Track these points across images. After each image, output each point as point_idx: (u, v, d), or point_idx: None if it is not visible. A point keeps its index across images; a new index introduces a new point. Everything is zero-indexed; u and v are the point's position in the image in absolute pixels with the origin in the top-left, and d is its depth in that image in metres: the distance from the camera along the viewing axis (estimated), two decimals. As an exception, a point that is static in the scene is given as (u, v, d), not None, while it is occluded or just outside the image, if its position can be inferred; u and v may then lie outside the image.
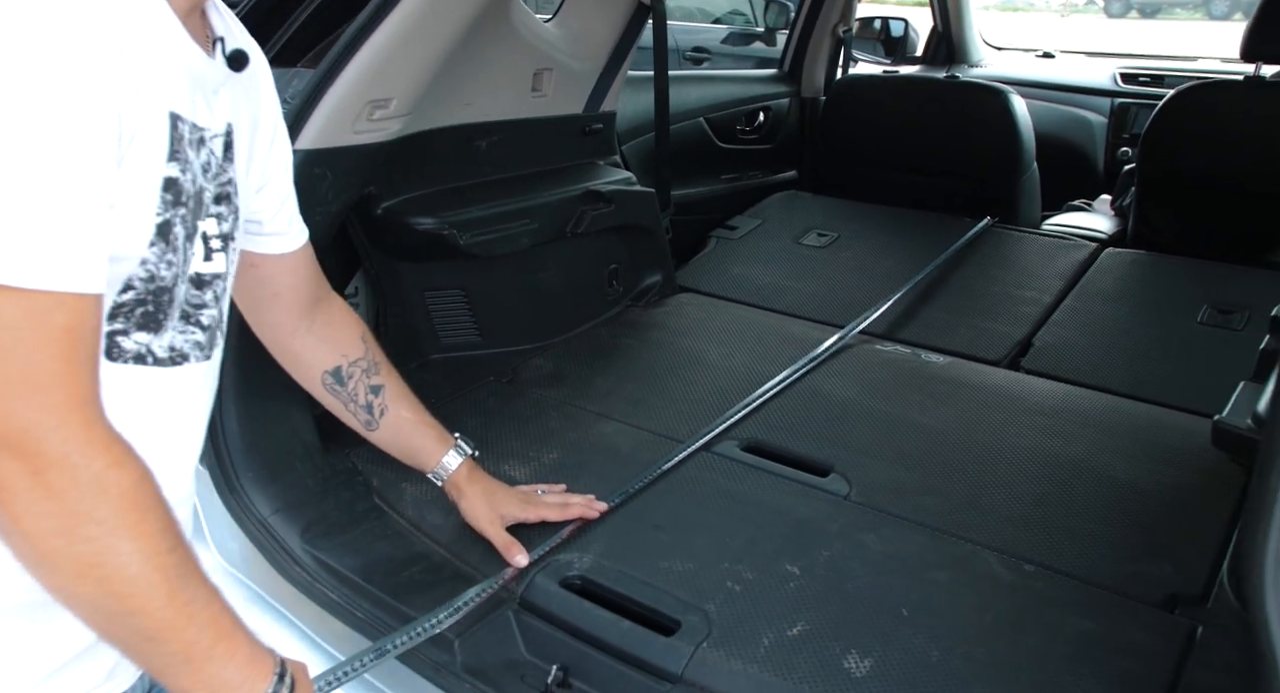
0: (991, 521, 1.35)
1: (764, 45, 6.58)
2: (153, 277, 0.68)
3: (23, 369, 0.57)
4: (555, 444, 1.59)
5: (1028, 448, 1.54)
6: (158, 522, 0.62)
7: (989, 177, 2.66)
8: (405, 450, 1.25)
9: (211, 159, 0.74)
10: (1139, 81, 3.36)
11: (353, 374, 1.14)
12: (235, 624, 0.69)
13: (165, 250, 0.68)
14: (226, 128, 0.77)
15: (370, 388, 1.16)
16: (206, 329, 0.77)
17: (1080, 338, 1.95)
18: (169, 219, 0.68)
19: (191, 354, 0.76)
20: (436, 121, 1.73)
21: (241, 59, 0.80)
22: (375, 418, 1.18)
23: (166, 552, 0.62)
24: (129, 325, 0.69)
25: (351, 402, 1.16)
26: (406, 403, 1.22)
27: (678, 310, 2.17)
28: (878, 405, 1.71)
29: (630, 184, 2.09)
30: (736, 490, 1.45)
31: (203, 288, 0.76)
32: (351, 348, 1.14)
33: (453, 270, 1.85)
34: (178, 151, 0.68)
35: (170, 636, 0.63)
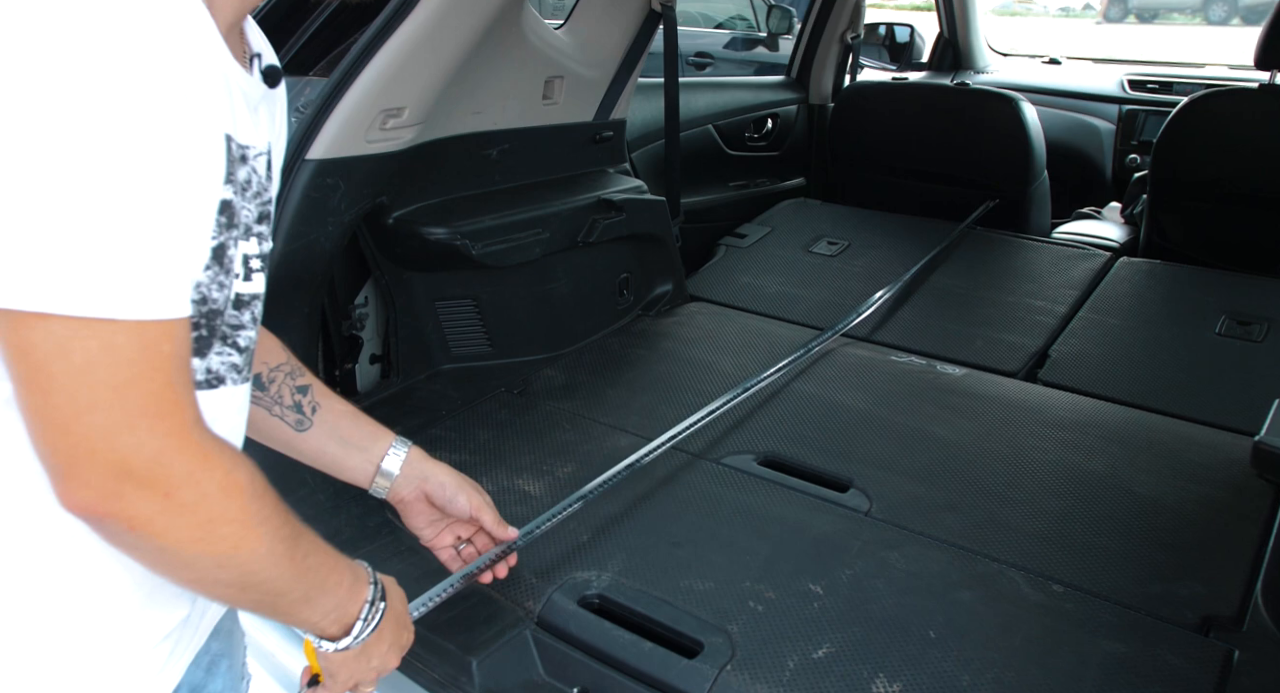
0: (1015, 538, 1.33)
1: (766, 50, 6.59)
2: (204, 299, 0.68)
3: (144, 401, 0.59)
4: (569, 458, 1.56)
5: (1049, 462, 1.52)
6: (273, 501, 0.68)
7: (1000, 184, 2.64)
8: (346, 444, 1.08)
9: (253, 178, 0.73)
10: (1147, 88, 3.34)
11: (275, 378, 1.02)
12: (336, 557, 0.77)
13: (219, 273, 0.68)
14: (267, 146, 0.76)
15: (296, 388, 1.03)
16: (244, 351, 0.76)
17: (1097, 349, 1.93)
18: (224, 242, 0.67)
19: (228, 377, 0.75)
20: (447, 130, 1.70)
21: (276, 75, 0.79)
22: (307, 416, 1.04)
23: (284, 524, 0.68)
24: None
25: (276, 404, 1.02)
26: (338, 399, 1.08)
27: (689, 320, 2.14)
28: (895, 418, 1.69)
29: (641, 192, 2.07)
30: (754, 506, 1.43)
31: (241, 309, 0.75)
32: (271, 356, 1.02)
33: (464, 280, 1.83)
34: (232, 173, 0.67)
35: (294, 586, 0.71)
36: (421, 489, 1.11)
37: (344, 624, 0.79)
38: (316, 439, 1.06)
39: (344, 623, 0.79)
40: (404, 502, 1.12)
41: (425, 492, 1.12)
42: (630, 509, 1.42)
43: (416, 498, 1.12)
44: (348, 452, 1.08)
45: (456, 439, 1.64)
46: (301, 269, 1.43)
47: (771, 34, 6.39)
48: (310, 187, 1.41)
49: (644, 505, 1.43)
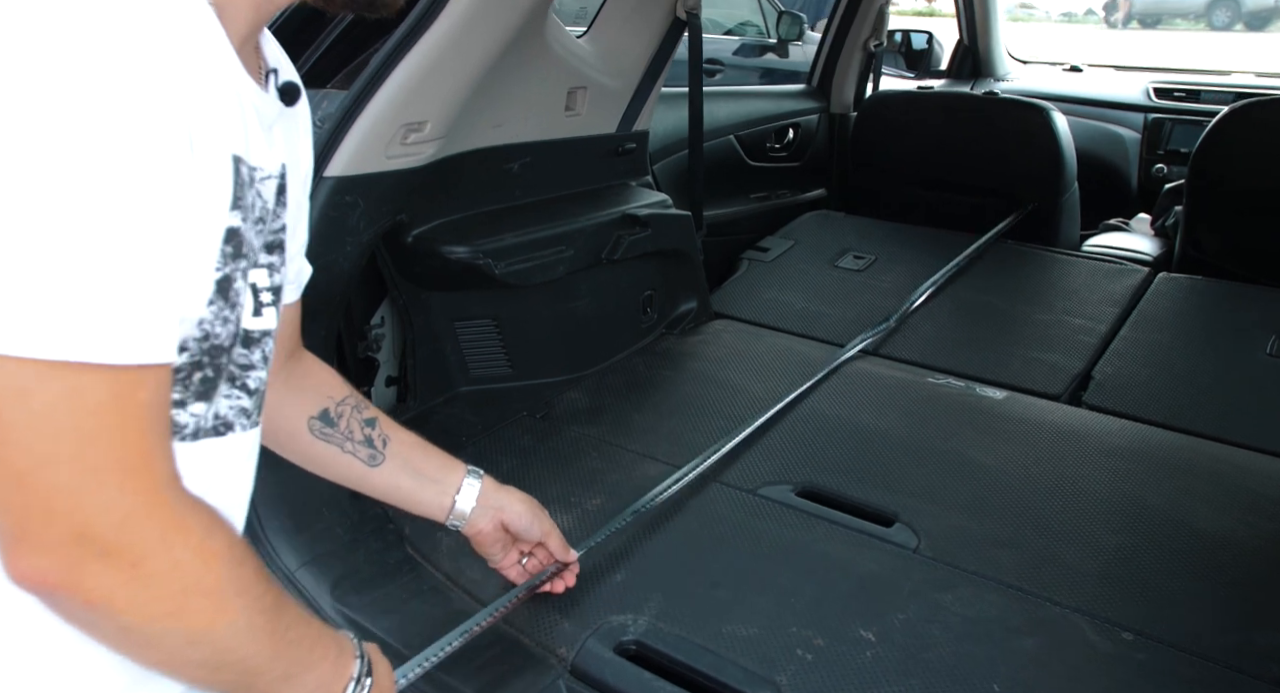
0: (1076, 579, 1.25)
1: (776, 57, 6.52)
2: (208, 336, 0.61)
3: (112, 456, 0.52)
4: (598, 489, 1.49)
5: (1103, 494, 1.45)
6: (254, 569, 0.61)
7: (1029, 196, 2.57)
8: (420, 477, 1.07)
9: (258, 202, 0.66)
10: (1174, 96, 3.27)
11: (342, 413, 1.00)
12: (320, 629, 0.71)
13: (224, 307, 0.61)
14: (280, 169, 0.69)
15: (364, 422, 1.01)
16: (254, 393, 0.70)
17: (1142, 370, 1.85)
18: (229, 274, 0.61)
19: (237, 422, 0.68)
20: (468, 144, 1.64)
21: (294, 93, 0.72)
22: (379, 450, 1.03)
23: (264, 593, 0.62)
24: (187, 395, 0.62)
25: (348, 441, 1.00)
26: (404, 429, 1.06)
27: (714, 339, 2.07)
28: (936, 444, 1.61)
29: (666, 207, 2.00)
30: (795, 541, 1.36)
31: (251, 347, 0.68)
32: (335, 390, 1.00)
33: (484, 299, 1.76)
34: (240, 198, 0.61)
35: (273, 664, 0.64)
36: (498, 519, 1.11)
37: None
38: (389, 474, 1.04)
39: None
40: (480, 534, 1.11)
41: (502, 521, 1.11)
42: (664, 545, 1.35)
43: (494, 528, 1.11)
44: (422, 485, 1.07)
45: (479, 467, 1.56)
46: (319, 293, 1.36)
47: (781, 40, 6.33)
48: (328, 205, 1.35)
49: (679, 541, 1.36)
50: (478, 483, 1.09)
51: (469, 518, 1.08)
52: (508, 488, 1.13)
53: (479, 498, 1.08)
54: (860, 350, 1.97)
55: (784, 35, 6.13)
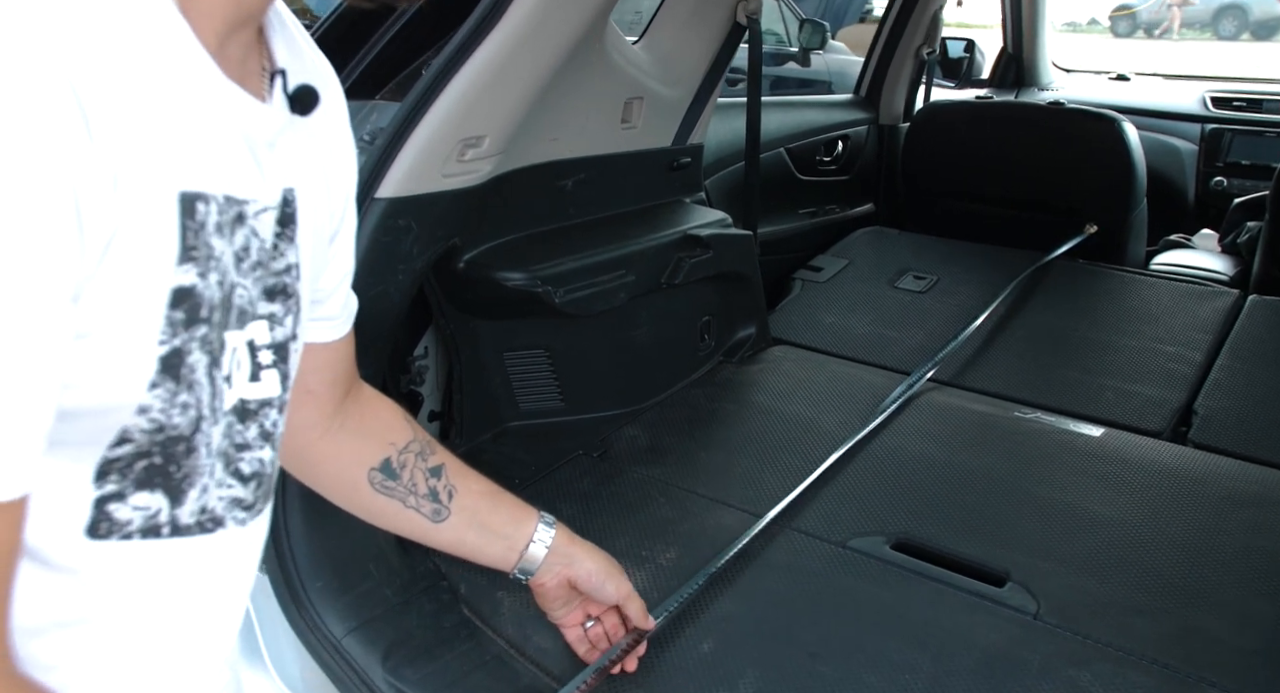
0: (1228, 654, 1.11)
1: (798, 65, 6.40)
2: (160, 427, 0.48)
3: None
4: (671, 540, 1.35)
5: (1240, 550, 1.30)
6: None
7: (1097, 212, 2.43)
8: (486, 532, 0.97)
9: (253, 243, 0.52)
10: (1233, 106, 3.13)
11: (405, 462, 0.89)
12: None
13: (176, 390, 0.48)
14: (283, 196, 0.55)
15: (429, 471, 0.91)
16: (249, 480, 0.56)
17: (1249, 404, 1.71)
18: (179, 346, 0.47)
19: (228, 517, 0.55)
20: (522, 161, 1.50)
21: (309, 98, 0.56)
22: (444, 504, 0.92)
23: None
24: (125, 485, 0.49)
25: (411, 494, 0.90)
26: (473, 475, 0.96)
27: (776, 367, 1.93)
28: (1037, 490, 1.47)
29: (727, 226, 1.87)
30: (897, 604, 1.21)
31: (247, 421, 0.54)
32: (398, 433, 0.89)
33: (535, 328, 1.62)
34: (193, 248, 0.46)
35: None
36: (565, 575, 1.01)
37: None
38: (454, 529, 0.94)
39: None
40: (543, 586, 1.02)
41: (569, 577, 1.01)
42: (749, 608, 1.21)
43: (558, 583, 1.02)
44: (489, 540, 0.97)
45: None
46: (368, 327, 1.22)
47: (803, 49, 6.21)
48: (379, 230, 1.21)
49: (765, 602, 1.22)
50: (549, 536, 0.99)
51: (535, 573, 1.00)
52: (582, 542, 1.03)
53: (548, 553, 0.99)
54: (937, 380, 1.83)
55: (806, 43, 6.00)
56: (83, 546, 0.49)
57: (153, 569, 0.53)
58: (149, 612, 0.55)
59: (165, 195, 0.45)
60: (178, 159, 0.45)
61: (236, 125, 0.50)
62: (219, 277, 0.49)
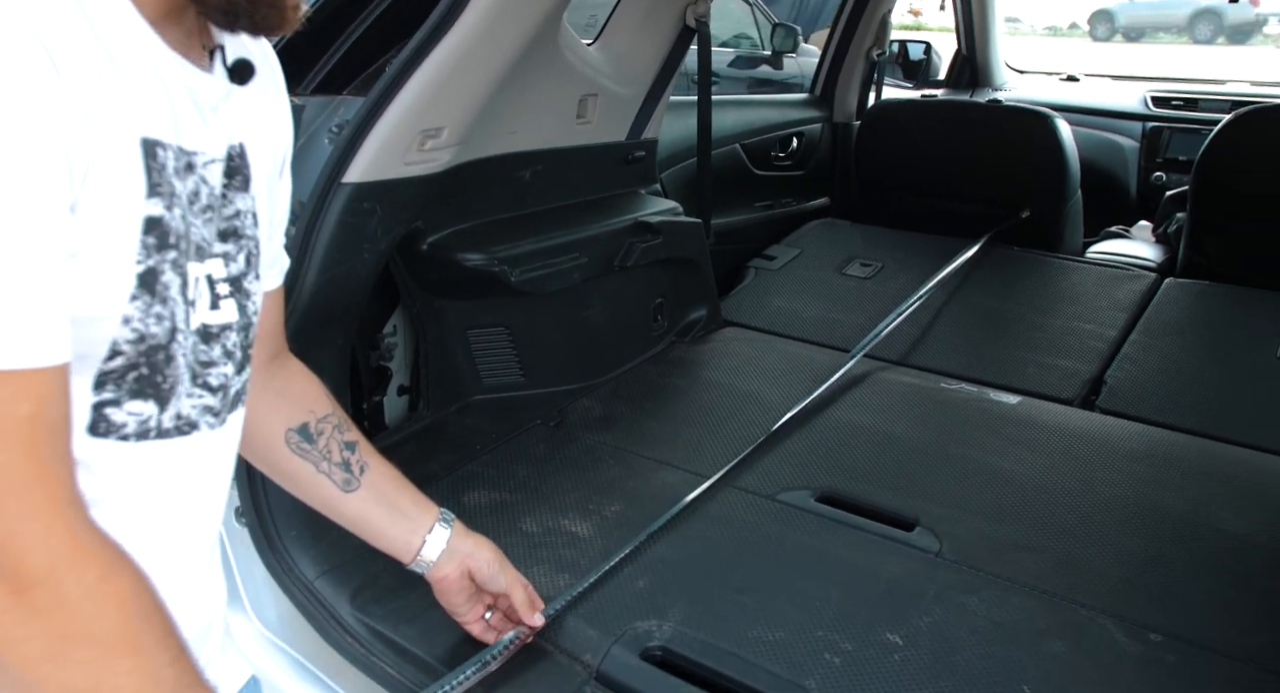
0: (1100, 581, 1.25)
1: (771, 68, 6.56)
2: (142, 336, 0.58)
3: None
4: (616, 495, 1.48)
5: (1124, 499, 1.44)
6: (157, 632, 0.55)
7: (1033, 203, 2.58)
8: (393, 511, 1.02)
9: (202, 188, 0.63)
10: (1172, 105, 3.30)
11: (322, 430, 0.95)
12: None
13: (152, 303, 0.58)
14: (228, 151, 0.66)
15: (344, 444, 0.97)
16: (217, 390, 0.67)
17: (1154, 375, 1.86)
18: (154, 266, 0.57)
19: (201, 421, 0.66)
20: (482, 152, 1.63)
21: (246, 70, 0.68)
22: (355, 475, 0.98)
23: (167, 665, 0.55)
24: (120, 394, 0.59)
25: (325, 460, 0.96)
26: (384, 460, 1.02)
27: (725, 347, 2.07)
28: (952, 450, 1.61)
29: (677, 214, 2.00)
30: (819, 547, 1.35)
31: (210, 342, 0.65)
32: (319, 405, 0.96)
33: (496, 307, 1.75)
34: (158, 185, 0.57)
35: None
36: (465, 565, 1.06)
37: None
38: (361, 503, 0.99)
39: None
40: (445, 579, 1.06)
41: (468, 568, 1.07)
42: (688, 552, 1.34)
43: (460, 575, 1.06)
44: (393, 520, 1.02)
45: (493, 477, 1.55)
46: (336, 301, 1.36)
47: (776, 52, 6.37)
48: (346, 212, 1.34)
49: (701, 548, 1.35)
50: (449, 528, 1.05)
51: (436, 562, 1.04)
52: (477, 535, 1.08)
53: (449, 541, 1.04)
54: (876, 357, 1.97)
55: (778, 47, 6.17)
56: (87, 442, 0.59)
57: (146, 465, 0.64)
58: (148, 500, 0.66)
59: (129, 138, 0.55)
60: (136, 109, 0.56)
61: (184, 89, 0.61)
62: (181, 212, 0.59)
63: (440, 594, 1.08)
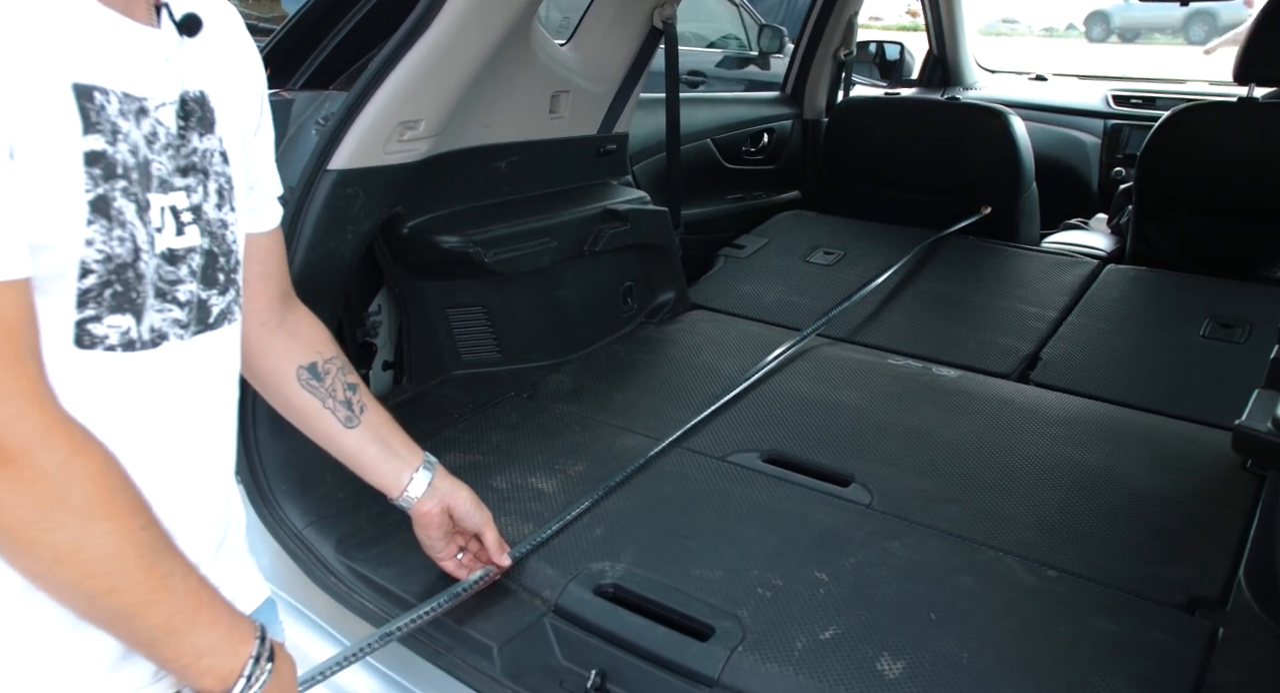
0: (1013, 528, 1.39)
1: (759, 69, 6.69)
2: (108, 256, 0.65)
3: None
4: (580, 457, 1.62)
5: (1044, 458, 1.58)
6: (129, 501, 0.64)
7: (989, 196, 2.72)
8: (387, 449, 1.13)
9: (159, 129, 0.70)
10: (1131, 103, 3.44)
11: (329, 370, 1.05)
12: (214, 595, 0.70)
13: (111, 226, 0.65)
14: (182, 96, 0.73)
15: (347, 385, 1.07)
16: (185, 305, 0.74)
17: (1087, 352, 2.00)
18: (104, 194, 0.65)
19: (171, 332, 0.73)
20: (459, 143, 1.77)
21: (194, 24, 0.75)
22: (356, 414, 1.08)
23: (140, 529, 0.64)
24: (100, 310, 0.67)
25: (330, 397, 1.06)
26: (379, 404, 1.14)
27: (691, 327, 2.21)
28: (894, 418, 1.75)
29: (644, 203, 2.14)
30: (761, 501, 1.49)
31: (176, 264, 0.73)
32: (325, 347, 1.06)
33: (474, 288, 1.88)
34: (97, 123, 0.64)
35: (151, 609, 0.65)
36: (445, 502, 1.18)
37: (222, 678, 0.69)
38: (359, 439, 1.10)
39: (221, 676, 0.69)
40: (427, 514, 1.19)
41: (448, 505, 1.19)
42: (641, 505, 1.48)
43: (440, 511, 1.18)
44: (387, 456, 1.14)
45: (469, 441, 1.69)
46: (322, 278, 1.49)
47: (763, 53, 6.48)
48: (331, 196, 1.47)
49: (655, 502, 1.49)
50: (434, 468, 1.17)
51: (419, 498, 1.16)
52: (456, 479, 1.20)
53: (432, 481, 1.16)
54: (830, 337, 2.11)
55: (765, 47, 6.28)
56: (76, 356, 0.66)
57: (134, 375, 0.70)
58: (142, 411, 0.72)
59: (59, 85, 0.62)
60: (67, 61, 0.63)
61: (126, 42, 0.67)
62: (130, 147, 0.66)
63: (420, 529, 1.20)
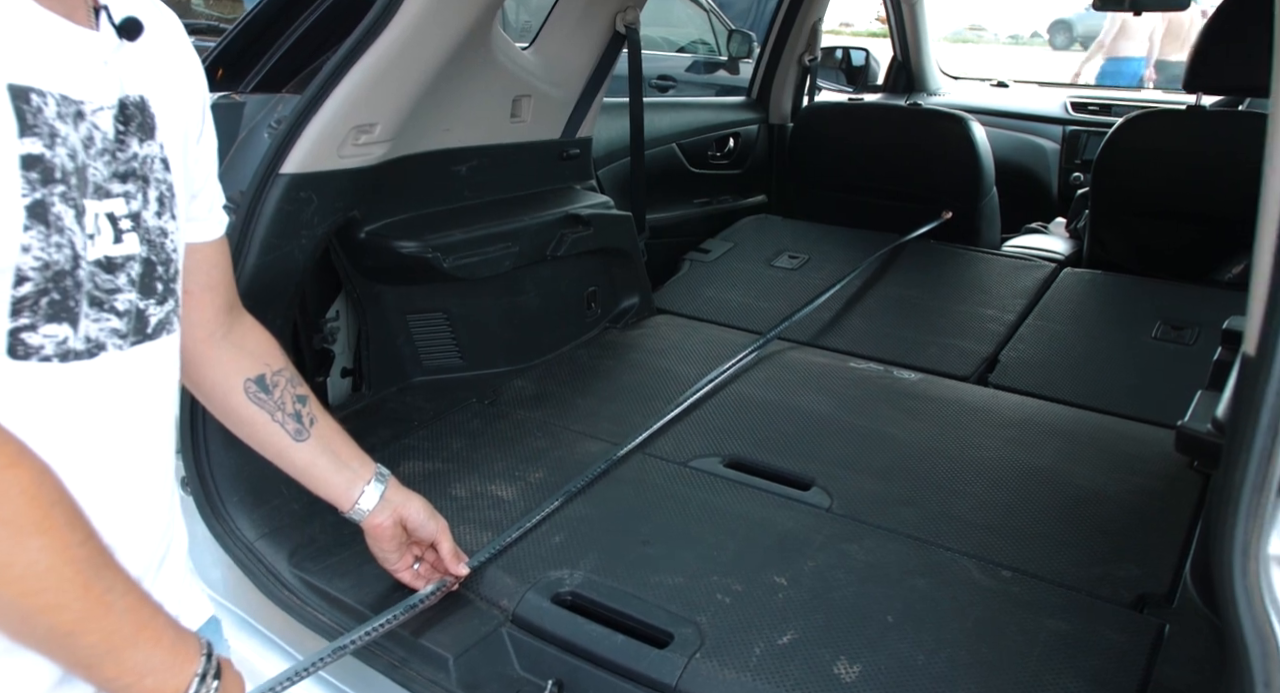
0: (967, 529, 1.40)
1: (728, 73, 6.72)
2: (46, 264, 0.63)
3: None
4: (541, 464, 1.61)
5: (997, 459, 1.60)
6: (64, 516, 0.62)
7: (951, 200, 2.75)
8: (337, 461, 1.11)
9: (95, 134, 0.68)
10: (1089, 110, 3.50)
11: (278, 382, 1.03)
12: (156, 611, 0.69)
13: (49, 232, 0.63)
14: (121, 100, 0.71)
15: (297, 397, 1.05)
16: (124, 315, 0.72)
17: (1044, 354, 2.02)
18: (41, 199, 0.62)
19: (109, 343, 0.71)
20: (418, 147, 1.75)
21: (134, 27, 0.73)
22: (305, 427, 1.06)
23: (78, 545, 0.62)
24: (36, 318, 0.65)
25: (279, 410, 1.03)
26: (330, 416, 1.11)
27: (655, 332, 2.20)
28: (854, 421, 1.76)
29: (608, 208, 2.13)
30: (721, 505, 1.48)
31: (114, 272, 0.70)
32: (274, 359, 1.04)
33: (434, 293, 1.87)
34: (34, 126, 0.62)
35: (89, 627, 0.63)
36: (398, 514, 1.16)
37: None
38: (309, 452, 1.08)
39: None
40: (379, 527, 1.17)
41: (401, 517, 1.16)
42: (602, 512, 1.47)
43: (393, 523, 1.16)
44: (338, 469, 1.12)
45: (429, 448, 1.67)
46: (275, 282, 1.47)
47: (732, 57, 6.51)
48: (284, 200, 1.45)
49: (614, 508, 1.48)
50: (386, 480, 1.15)
51: (371, 510, 1.14)
52: (410, 491, 1.18)
53: (384, 493, 1.14)
54: (793, 341, 2.11)
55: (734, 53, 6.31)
56: (10, 366, 0.63)
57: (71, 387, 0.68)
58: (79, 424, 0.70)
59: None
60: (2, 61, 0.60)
61: (64, 44, 0.65)
62: (68, 151, 0.64)
63: (373, 542, 1.18)
